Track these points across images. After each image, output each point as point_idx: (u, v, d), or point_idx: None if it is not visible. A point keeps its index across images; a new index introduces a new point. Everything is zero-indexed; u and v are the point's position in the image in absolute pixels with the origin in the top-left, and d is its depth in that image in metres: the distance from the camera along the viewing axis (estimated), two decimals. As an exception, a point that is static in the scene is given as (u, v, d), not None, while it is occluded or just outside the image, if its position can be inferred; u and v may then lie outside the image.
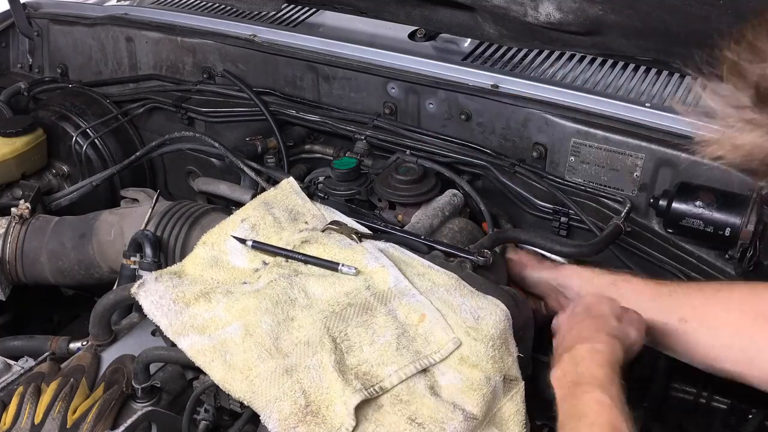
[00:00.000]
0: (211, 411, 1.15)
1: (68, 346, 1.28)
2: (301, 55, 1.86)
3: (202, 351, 1.11)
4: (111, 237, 1.54)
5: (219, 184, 1.77)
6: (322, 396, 1.02)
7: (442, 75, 1.72)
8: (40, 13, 2.23)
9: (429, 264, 1.23)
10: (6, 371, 1.21)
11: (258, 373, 1.06)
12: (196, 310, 1.16)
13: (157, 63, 2.07)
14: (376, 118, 1.76)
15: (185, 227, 1.47)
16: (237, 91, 1.90)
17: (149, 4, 2.29)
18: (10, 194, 1.78)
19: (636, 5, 1.37)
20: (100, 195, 1.88)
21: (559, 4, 1.45)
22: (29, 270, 1.59)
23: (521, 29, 1.61)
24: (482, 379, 1.06)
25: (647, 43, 1.53)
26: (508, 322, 1.13)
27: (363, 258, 1.21)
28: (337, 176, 1.56)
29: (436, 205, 1.50)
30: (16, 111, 2.02)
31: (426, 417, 1.01)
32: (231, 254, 1.30)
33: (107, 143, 1.96)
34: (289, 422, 1.00)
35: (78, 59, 2.18)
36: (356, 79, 1.80)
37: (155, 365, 1.17)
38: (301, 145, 1.87)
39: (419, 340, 1.10)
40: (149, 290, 1.20)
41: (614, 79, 1.70)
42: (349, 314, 1.12)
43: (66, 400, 1.09)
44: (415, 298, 1.15)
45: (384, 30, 1.91)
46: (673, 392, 1.43)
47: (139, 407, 1.12)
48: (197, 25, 2.04)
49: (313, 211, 1.40)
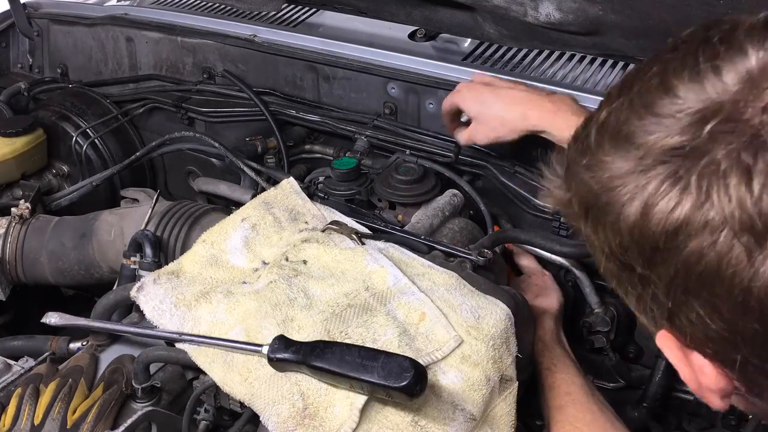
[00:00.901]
0: (211, 411, 1.15)
1: (68, 346, 1.28)
2: (301, 55, 1.86)
3: (202, 351, 1.11)
4: (111, 237, 1.54)
5: (219, 184, 1.77)
6: (320, 398, 1.02)
7: (442, 75, 1.71)
8: (40, 13, 2.23)
9: (429, 264, 1.23)
10: (6, 371, 1.20)
11: (257, 375, 1.05)
12: (198, 314, 1.16)
13: (157, 63, 2.07)
14: (376, 118, 1.76)
15: (185, 227, 1.47)
16: (237, 91, 1.90)
17: (149, 4, 2.29)
18: (10, 194, 1.78)
19: (636, 5, 1.37)
20: (100, 195, 1.88)
21: (559, 4, 1.45)
22: (29, 270, 1.59)
23: (521, 29, 1.61)
24: (482, 379, 1.06)
25: (647, 43, 1.53)
26: (509, 321, 1.13)
27: (363, 258, 1.21)
28: (337, 176, 1.56)
29: (436, 205, 1.50)
30: (16, 111, 2.02)
31: (429, 418, 1.01)
32: (231, 253, 1.30)
33: (107, 143, 1.97)
34: (287, 425, 1.00)
35: (78, 59, 2.18)
36: (356, 79, 1.80)
37: (155, 365, 1.17)
38: (301, 145, 1.87)
39: (420, 339, 1.09)
40: (149, 294, 1.20)
41: (614, 79, 1.70)
42: (349, 315, 1.11)
43: (65, 400, 1.08)
44: (415, 296, 1.15)
45: (384, 30, 1.91)
46: (673, 392, 1.43)
47: (139, 407, 1.12)
48: (197, 25, 2.04)
49: (313, 211, 1.40)
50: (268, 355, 1.03)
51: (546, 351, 1.23)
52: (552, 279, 1.45)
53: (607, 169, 0.64)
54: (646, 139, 0.61)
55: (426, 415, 1.01)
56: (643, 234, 0.62)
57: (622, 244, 0.65)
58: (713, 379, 0.65)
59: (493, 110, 1.41)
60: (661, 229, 0.60)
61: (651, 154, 0.60)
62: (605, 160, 0.64)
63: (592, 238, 0.69)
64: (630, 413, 1.38)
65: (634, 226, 0.62)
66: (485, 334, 1.10)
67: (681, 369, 0.68)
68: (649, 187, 0.60)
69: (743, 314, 0.58)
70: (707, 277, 0.59)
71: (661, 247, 0.61)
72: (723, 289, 0.58)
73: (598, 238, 0.68)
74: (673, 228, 0.59)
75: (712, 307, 0.60)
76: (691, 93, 0.60)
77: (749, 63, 0.59)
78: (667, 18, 1.35)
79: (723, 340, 0.61)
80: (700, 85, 0.60)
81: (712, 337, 0.62)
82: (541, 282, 1.44)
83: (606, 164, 0.64)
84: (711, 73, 0.59)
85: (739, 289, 0.58)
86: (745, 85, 0.58)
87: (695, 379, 0.67)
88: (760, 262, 0.56)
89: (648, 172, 0.61)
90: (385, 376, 0.94)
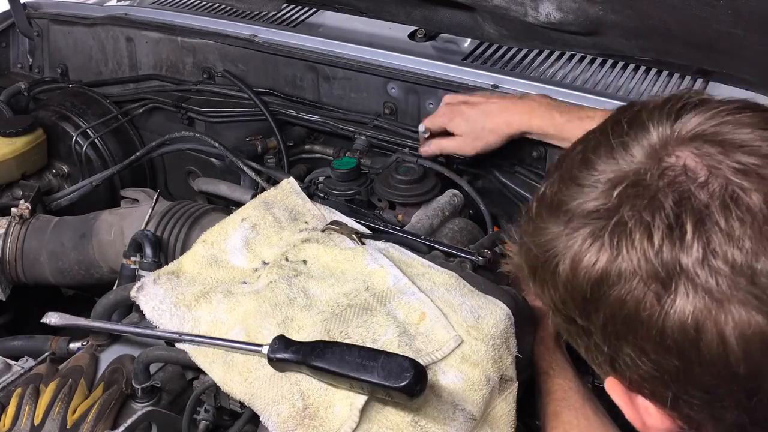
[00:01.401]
0: (211, 411, 1.15)
1: (68, 346, 1.28)
2: (301, 55, 1.86)
3: (202, 351, 1.11)
4: (111, 237, 1.54)
5: (219, 184, 1.77)
6: (320, 398, 1.02)
7: (442, 75, 1.72)
8: (40, 13, 2.23)
9: (429, 264, 1.23)
10: (6, 371, 1.20)
11: (257, 375, 1.05)
12: (198, 314, 1.16)
13: (157, 63, 2.07)
14: (376, 118, 1.76)
15: (185, 227, 1.47)
16: (237, 91, 1.90)
17: (149, 4, 2.30)
18: (10, 194, 1.78)
19: (636, 5, 1.37)
20: (100, 195, 1.88)
21: (559, 4, 1.45)
22: (29, 270, 1.59)
23: (521, 29, 1.61)
24: (482, 379, 1.06)
25: (647, 43, 1.53)
26: (509, 321, 1.13)
27: (363, 258, 1.21)
28: (337, 176, 1.56)
29: (436, 205, 1.50)
30: (16, 111, 2.02)
31: (429, 418, 1.01)
32: (230, 253, 1.30)
33: (107, 143, 1.96)
34: (287, 425, 1.00)
35: (78, 59, 2.18)
36: (356, 79, 1.80)
37: (155, 365, 1.17)
38: (301, 145, 1.87)
39: (420, 339, 1.09)
40: (148, 294, 1.20)
41: (614, 79, 1.70)
42: (349, 315, 1.11)
43: (65, 400, 1.08)
44: (414, 296, 1.15)
45: (384, 30, 1.91)
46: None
47: (139, 407, 1.12)
48: (197, 25, 2.04)
49: (313, 211, 1.40)
50: (268, 355, 1.03)
51: (545, 354, 1.23)
52: None
53: (544, 234, 0.73)
54: (571, 206, 0.71)
55: (426, 415, 1.01)
56: (574, 287, 0.70)
57: (561, 298, 0.73)
58: (658, 419, 0.72)
59: (479, 124, 1.51)
60: (587, 281, 0.69)
61: (575, 218, 0.70)
62: (542, 226, 0.74)
63: (541, 297, 0.78)
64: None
65: (567, 281, 0.71)
66: (485, 334, 1.10)
67: (626, 411, 0.75)
68: (575, 246, 0.70)
69: (664, 353, 0.65)
70: (630, 322, 0.67)
71: (589, 297, 0.69)
72: (644, 331, 0.66)
73: (545, 296, 0.77)
74: (596, 279, 0.68)
75: (641, 350, 0.68)
76: (606, 165, 0.70)
77: (652, 138, 0.69)
78: (667, 18, 1.35)
79: (654, 380, 0.69)
80: (613, 158, 0.70)
81: (645, 377, 0.69)
82: None
83: (543, 230, 0.74)
84: (621, 149, 0.70)
85: (655, 330, 0.65)
86: (648, 157, 0.68)
87: (640, 420, 0.74)
88: (669, 305, 0.64)
89: (574, 233, 0.70)
90: (385, 376, 0.94)
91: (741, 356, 0.63)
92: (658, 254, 0.64)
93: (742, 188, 0.63)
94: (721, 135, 0.67)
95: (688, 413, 0.69)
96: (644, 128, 0.70)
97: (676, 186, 0.65)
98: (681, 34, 1.39)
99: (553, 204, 0.73)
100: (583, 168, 0.72)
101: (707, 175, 0.65)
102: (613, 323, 0.68)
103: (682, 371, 0.66)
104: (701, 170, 0.65)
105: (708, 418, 0.69)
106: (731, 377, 0.64)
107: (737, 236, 0.62)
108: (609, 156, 0.70)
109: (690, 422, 0.71)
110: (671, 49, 1.50)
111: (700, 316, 0.63)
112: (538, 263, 0.75)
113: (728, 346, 0.62)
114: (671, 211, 0.64)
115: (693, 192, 0.64)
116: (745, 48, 1.35)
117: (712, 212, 0.63)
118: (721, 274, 0.62)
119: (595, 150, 0.72)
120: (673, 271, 0.63)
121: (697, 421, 0.70)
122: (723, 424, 0.68)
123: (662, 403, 0.70)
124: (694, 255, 0.63)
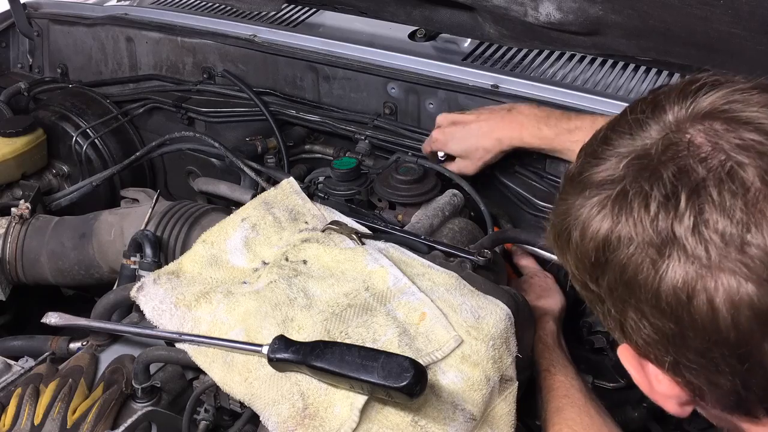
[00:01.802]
0: (211, 411, 1.15)
1: (68, 346, 1.28)
2: (301, 55, 1.86)
3: (202, 351, 1.11)
4: (111, 237, 1.54)
5: (219, 184, 1.77)
6: (320, 398, 1.02)
7: (442, 75, 1.72)
8: (40, 13, 2.23)
9: (429, 264, 1.23)
10: (6, 371, 1.20)
11: (257, 375, 1.05)
12: (198, 314, 1.16)
13: (157, 63, 2.07)
14: (376, 118, 1.76)
15: (185, 227, 1.47)
16: (237, 91, 1.90)
17: (149, 4, 2.30)
18: (10, 194, 1.78)
19: (636, 5, 1.37)
20: (100, 195, 1.88)
21: (559, 4, 1.45)
22: (29, 270, 1.59)
23: (521, 29, 1.61)
24: (482, 379, 1.06)
25: (647, 43, 1.53)
26: (509, 321, 1.13)
27: (363, 258, 1.21)
28: (337, 176, 1.56)
29: (436, 205, 1.50)
30: (16, 111, 2.02)
31: (429, 418, 1.01)
32: (231, 253, 1.30)
33: (107, 143, 1.97)
34: (287, 425, 1.00)
35: (78, 59, 2.18)
36: (356, 79, 1.80)
37: (155, 365, 1.17)
38: (301, 145, 1.87)
39: (420, 339, 1.09)
40: (149, 294, 1.20)
41: (614, 79, 1.70)
42: (349, 315, 1.11)
43: (65, 400, 1.08)
44: (414, 296, 1.15)
45: (384, 30, 1.91)
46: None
47: (139, 407, 1.12)
48: (197, 25, 2.04)
49: (313, 211, 1.40)
50: (268, 355, 1.03)
51: (546, 353, 1.24)
52: (554, 281, 1.46)
53: (565, 205, 0.78)
54: (586, 176, 0.76)
55: (426, 415, 1.01)
56: (583, 253, 0.75)
57: (575, 265, 0.78)
58: (667, 385, 0.75)
59: (473, 145, 1.56)
60: (593, 247, 0.73)
61: (588, 188, 0.75)
62: (563, 198, 0.79)
63: (563, 264, 0.82)
64: (630, 413, 1.38)
65: (577, 247, 0.76)
66: (485, 334, 1.10)
67: (635, 376, 0.78)
68: (584, 213, 0.74)
69: (661, 316, 0.69)
70: (631, 285, 0.71)
71: (594, 261, 0.74)
72: (642, 294, 0.70)
73: (566, 263, 0.81)
74: (600, 245, 0.72)
75: (641, 313, 0.71)
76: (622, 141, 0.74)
77: (667, 118, 0.73)
78: (667, 18, 1.35)
79: (655, 343, 0.72)
80: (630, 135, 0.74)
81: (648, 341, 0.73)
82: (543, 283, 1.45)
83: (564, 201, 0.79)
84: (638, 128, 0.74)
85: (651, 294, 0.69)
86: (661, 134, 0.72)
87: (648, 385, 0.77)
88: (663, 270, 0.67)
89: (585, 201, 0.74)
90: (385, 376, 0.94)
91: (730, 323, 0.65)
92: (653, 222, 0.68)
93: (739, 163, 0.66)
94: (730, 113, 0.70)
95: (689, 379, 0.72)
96: (661, 108, 0.74)
97: (678, 160, 0.68)
98: (681, 34, 1.39)
99: (576, 179, 0.78)
100: (603, 144, 0.76)
101: (709, 150, 0.68)
102: (616, 287, 0.72)
103: (678, 335, 0.69)
104: (705, 146, 0.68)
105: (705, 383, 0.71)
106: (722, 342, 0.67)
107: (728, 207, 0.65)
108: (627, 134, 0.74)
109: (692, 388, 0.73)
110: (671, 49, 1.50)
111: (690, 282, 0.66)
112: (558, 231, 0.79)
113: (717, 312, 0.65)
114: (669, 182, 0.68)
115: (692, 166, 0.67)
116: (745, 48, 1.35)
117: (707, 185, 0.66)
118: (711, 243, 0.65)
119: (615, 128, 0.77)
120: (667, 238, 0.67)
121: (698, 387, 0.72)
122: (720, 390, 0.71)
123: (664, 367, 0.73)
124: (685, 224, 0.66)
